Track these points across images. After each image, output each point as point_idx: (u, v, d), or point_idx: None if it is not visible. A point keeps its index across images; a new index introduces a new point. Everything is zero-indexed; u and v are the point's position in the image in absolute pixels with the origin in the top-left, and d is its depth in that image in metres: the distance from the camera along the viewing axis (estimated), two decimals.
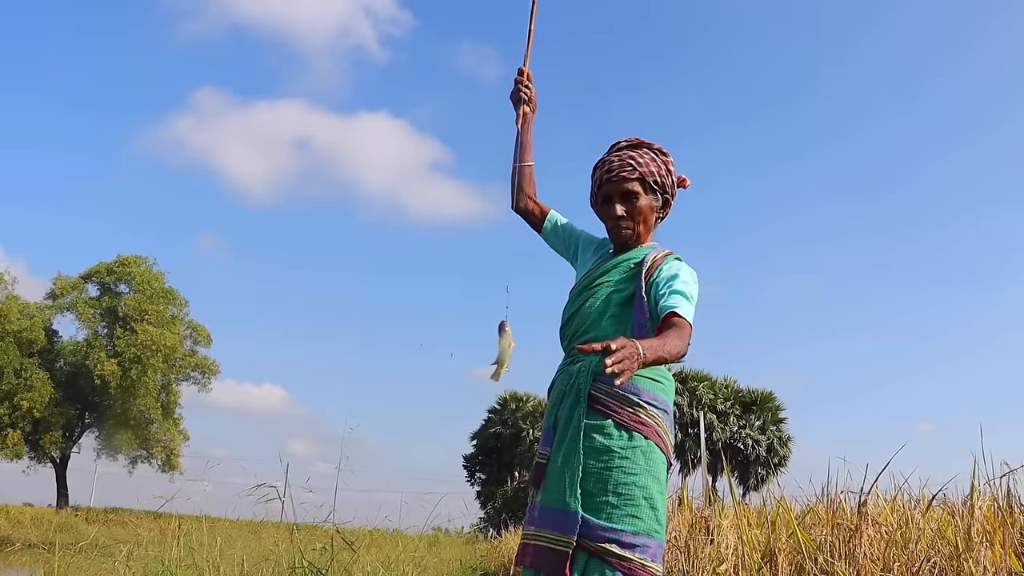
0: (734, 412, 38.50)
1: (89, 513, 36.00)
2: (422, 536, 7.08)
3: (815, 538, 4.20)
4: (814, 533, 4.29)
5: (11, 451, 39.06)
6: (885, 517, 4.24)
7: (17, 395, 38.74)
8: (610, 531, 2.36)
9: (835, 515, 4.30)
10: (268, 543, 6.50)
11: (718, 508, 5.39)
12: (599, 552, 2.34)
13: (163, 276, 43.23)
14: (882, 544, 3.94)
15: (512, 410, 44.64)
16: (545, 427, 2.63)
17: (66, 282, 42.36)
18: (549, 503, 2.46)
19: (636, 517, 2.38)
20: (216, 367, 43.87)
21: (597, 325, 2.62)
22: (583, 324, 2.65)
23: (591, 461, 2.44)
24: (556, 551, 2.38)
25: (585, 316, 2.65)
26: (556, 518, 2.42)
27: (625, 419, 2.47)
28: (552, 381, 2.71)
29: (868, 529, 3.94)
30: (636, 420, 2.48)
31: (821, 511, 4.65)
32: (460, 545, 17.97)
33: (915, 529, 4.07)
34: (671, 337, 2.26)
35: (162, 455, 41.67)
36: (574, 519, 2.37)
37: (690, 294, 2.49)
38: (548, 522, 2.44)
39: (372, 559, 5.70)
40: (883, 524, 4.11)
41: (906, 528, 4.08)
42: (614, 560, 2.34)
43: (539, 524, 2.47)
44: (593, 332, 2.62)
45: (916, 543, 3.90)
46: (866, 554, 3.78)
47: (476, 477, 46.66)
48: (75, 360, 40.87)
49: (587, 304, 2.66)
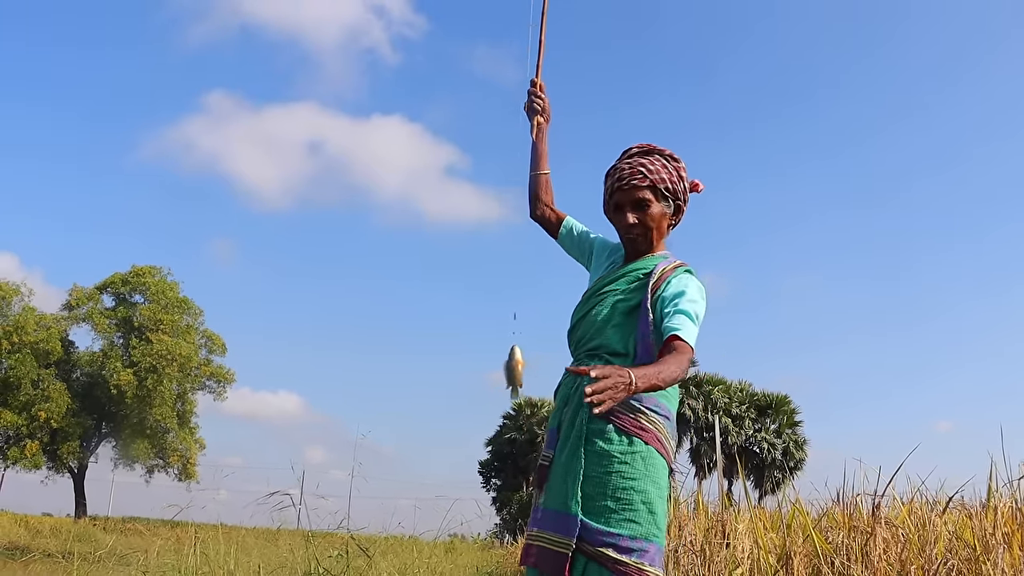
0: (749, 415, 38.30)
1: (107, 522, 36.16)
2: (437, 543, 7.07)
3: (831, 541, 4.18)
4: (830, 536, 4.27)
5: (29, 461, 39.31)
6: (902, 519, 4.21)
7: (35, 406, 39.01)
8: (608, 535, 2.39)
9: (851, 518, 4.28)
10: (284, 550, 6.51)
11: (734, 512, 5.38)
12: (597, 556, 2.38)
13: (178, 286, 43.49)
14: (898, 547, 3.92)
15: (527, 416, 44.58)
16: (550, 428, 2.66)
17: (82, 293, 42.64)
18: (551, 505, 2.50)
19: (634, 522, 2.41)
20: (231, 376, 44.07)
21: (601, 333, 2.65)
22: (588, 331, 2.68)
23: (592, 465, 2.47)
24: (557, 553, 2.42)
25: (591, 323, 2.68)
26: (557, 520, 2.46)
27: (626, 424, 2.50)
28: (559, 383, 2.74)
29: (883, 532, 3.92)
30: (637, 426, 2.50)
31: (837, 514, 4.62)
32: (476, 551, 17.94)
33: (932, 531, 4.05)
34: (669, 363, 2.29)
35: (178, 464, 41.81)
36: (574, 522, 2.41)
37: (695, 313, 2.50)
38: (550, 524, 2.48)
39: (388, 565, 5.70)
40: (900, 526, 4.09)
41: (923, 530, 4.06)
42: (611, 564, 2.36)
43: (541, 525, 2.51)
44: (597, 340, 2.65)
45: (933, 545, 3.87)
46: (881, 557, 3.76)
47: (491, 483, 46.59)
48: (91, 370, 41.10)
49: (593, 311, 2.69)
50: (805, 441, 38.36)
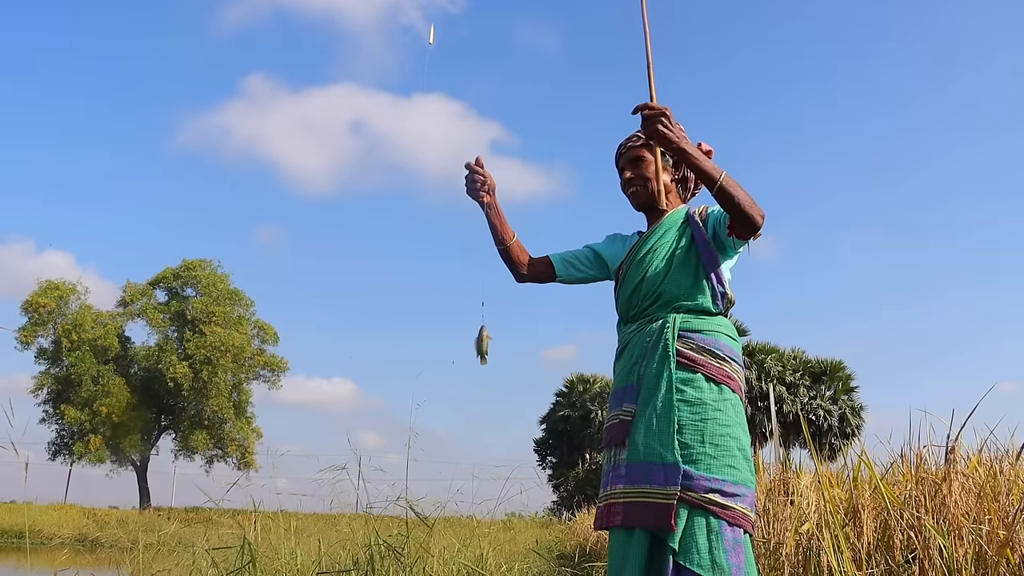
0: (803, 383, 37.93)
1: (171, 513, 36.96)
2: (494, 520, 7.09)
3: (899, 494, 4.07)
4: (897, 490, 4.16)
5: (94, 456, 40.38)
6: (972, 469, 4.09)
7: (96, 401, 40.02)
8: (712, 481, 2.35)
9: (919, 469, 4.17)
10: (344, 529, 6.57)
11: (795, 472, 5.29)
12: (703, 502, 2.33)
13: (228, 278, 44.27)
14: (972, 497, 3.80)
15: (580, 392, 44.64)
16: (625, 384, 2.59)
17: (135, 289, 43.56)
18: (640, 458, 2.44)
19: (734, 467, 2.39)
20: (285, 364, 44.76)
21: (667, 280, 2.63)
22: (652, 287, 2.65)
23: (685, 413, 2.43)
24: (656, 504, 2.35)
25: (653, 280, 2.65)
26: (652, 471, 2.39)
27: (714, 373, 2.49)
28: (623, 343, 2.70)
29: (957, 479, 3.81)
30: (724, 374, 2.51)
31: (903, 469, 4.51)
32: (535, 528, 17.99)
33: (1005, 481, 3.92)
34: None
35: (237, 453, 42.63)
36: (674, 470, 2.35)
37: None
38: (641, 477, 2.41)
39: (448, 538, 5.70)
40: (971, 476, 3.97)
41: (995, 480, 3.93)
42: (718, 509, 2.32)
43: (630, 480, 2.44)
44: (664, 288, 2.63)
45: (1007, 495, 3.75)
46: (956, 504, 3.65)
47: (547, 461, 46.75)
48: (148, 364, 42.00)
49: (650, 270, 2.66)
50: (862, 407, 37.95)
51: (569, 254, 2.92)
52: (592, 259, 2.91)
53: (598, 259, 2.90)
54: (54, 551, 11.48)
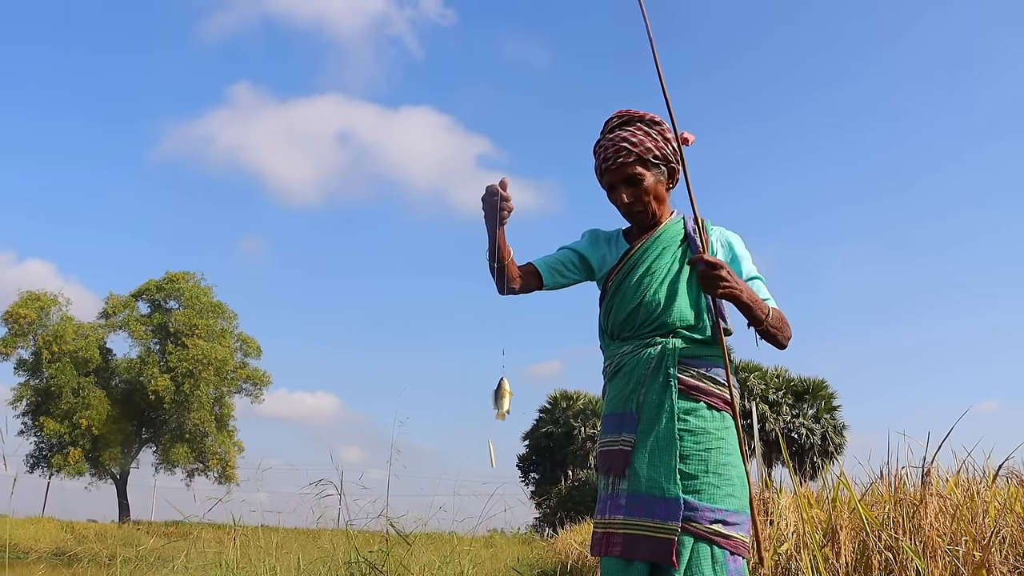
0: (786, 401, 38.07)
1: (151, 527, 36.62)
2: (476, 537, 7.07)
3: (878, 515, 4.10)
4: (876, 511, 4.19)
5: (73, 468, 39.98)
6: (949, 491, 4.13)
7: (76, 413, 39.68)
8: (717, 512, 2.34)
9: (897, 491, 4.20)
10: (325, 544, 6.54)
11: (776, 492, 5.31)
12: (707, 533, 2.31)
13: (211, 290, 44.08)
14: (948, 518, 3.83)
15: (563, 409, 44.61)
16: (623, 412, 2.51)
17: (117, 301, 43.31)
18: (643, 490, 2.39)
19: (734, 496, 2.38)
20: (267, 378, 44.56)
21: (668, 309, 2.55)
22: (651, 313, 2.56)
23: (688, 443, 2.41)
24: (658, 539, 2.32)
25: (651, 306, 2.56)
26: (654, 506, 2.35)
27: (716, 401, 2.48)
28: (616, 365, 2.60)
29: (934, 501, 3.84)
30: (725, 401, 2.50)
31: (882, 489, 4.55)
32: (516, 545, 17.92)
33: (981, 502, 3.96)
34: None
35: (218, 467, 42.32)
36: (676, 505, 2.32)
37: (759, 273, 2.61)
38: (643, 510, 2.37)
39: (428, 555, 5.69)
40: (948, 497, 4.01)
41: (972, 502, 3.97)
42: (721, 540, 2.32)
43: (630, 512, 2.38)
44: (665, 316, 2.55)
45: (983, 516, 3.78)
46: (932, 526, 3.68)
47: (530, 477, 46.65)
48: (129, 377, 41.67)
49: (648, 295, 2.57)
50: (844, 426, 38.09)
51: (554, 260, 2.73)
52: (577, 263, 2.75)
53: (583, 262, 2.75)
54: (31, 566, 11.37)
